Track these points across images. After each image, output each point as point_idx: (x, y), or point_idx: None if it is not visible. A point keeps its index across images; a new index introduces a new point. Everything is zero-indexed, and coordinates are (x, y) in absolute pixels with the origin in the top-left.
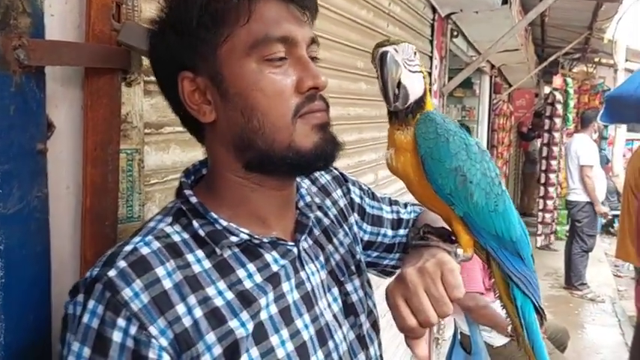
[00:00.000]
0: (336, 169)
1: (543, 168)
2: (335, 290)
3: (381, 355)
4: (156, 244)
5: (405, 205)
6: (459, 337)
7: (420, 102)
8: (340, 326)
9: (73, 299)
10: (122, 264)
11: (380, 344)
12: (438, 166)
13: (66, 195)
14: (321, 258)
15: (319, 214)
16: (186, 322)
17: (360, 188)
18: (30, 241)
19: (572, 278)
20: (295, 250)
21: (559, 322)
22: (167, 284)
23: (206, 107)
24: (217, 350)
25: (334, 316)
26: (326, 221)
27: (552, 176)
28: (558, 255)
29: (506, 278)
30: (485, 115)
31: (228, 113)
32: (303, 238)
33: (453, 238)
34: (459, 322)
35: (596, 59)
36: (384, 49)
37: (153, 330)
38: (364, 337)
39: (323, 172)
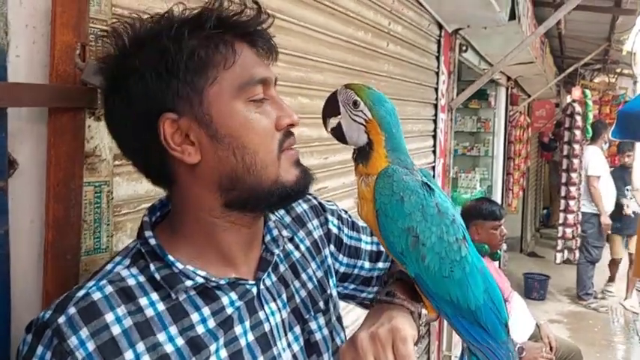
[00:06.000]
0: (315, 198)
1: (563, 180)
2: (297, 329)
3: None
4: (109, 289)
5: None
6: (465, 358)
7: (364, 153)
8: None
9: (24, 338)
10: (72, 310)
11: None
12: (390, 224)
13: (30, 229)
14: (284, 296)
15: (290, 246)
16: None
17: (339, 218)
18: None
19: (577, 288)
20: (255, 289)
21: (577, 340)
22: (115, 330)
23: (190, 148)
24: None
25: (294, 355)
26: (296, 254)
27: (573, 189)
28: None
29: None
30: (501, 127)
31: (218, 153)
32: (265, 275)
33: None
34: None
35: (618, 70)
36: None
37: None
38: None
39: (299, 201)
